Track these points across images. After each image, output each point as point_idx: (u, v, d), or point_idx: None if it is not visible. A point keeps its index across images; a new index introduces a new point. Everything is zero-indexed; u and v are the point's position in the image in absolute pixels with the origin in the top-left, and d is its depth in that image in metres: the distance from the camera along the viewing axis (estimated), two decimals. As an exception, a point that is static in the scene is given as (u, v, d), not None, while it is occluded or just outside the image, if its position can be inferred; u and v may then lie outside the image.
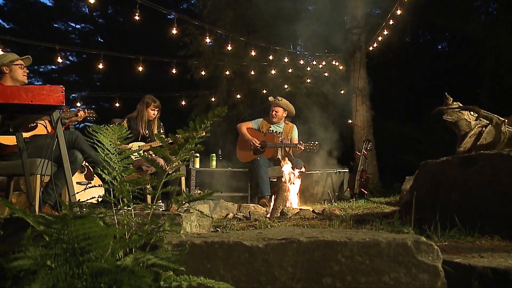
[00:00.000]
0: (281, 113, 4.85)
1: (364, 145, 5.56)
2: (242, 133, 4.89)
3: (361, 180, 5.26)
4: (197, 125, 1.23)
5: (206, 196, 1.29)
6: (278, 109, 4.84)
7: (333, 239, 1.11)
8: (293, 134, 4.86)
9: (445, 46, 12.18)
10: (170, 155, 1.32)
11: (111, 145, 1.45)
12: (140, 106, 3.98)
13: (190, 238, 1.17)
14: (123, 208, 1.36)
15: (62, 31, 15.81)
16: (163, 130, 4.20)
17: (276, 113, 4.84)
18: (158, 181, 1.31)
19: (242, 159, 4.93)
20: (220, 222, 2.63)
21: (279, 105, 4.84)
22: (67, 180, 2.09)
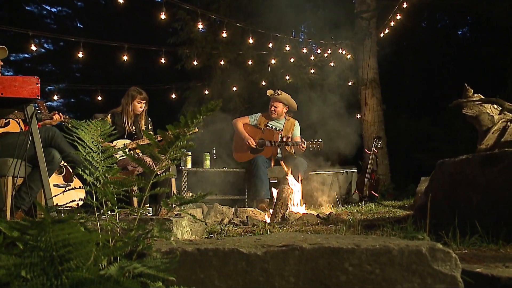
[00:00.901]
0: (281, 109, 4.85)
1: (375, 142, 5.57)
2: (238, 130, 4.89)
3: (371, 181, 5.27)
4: (188, 120, 1.23)
5: (199, 198, 1.30)
6: (277, 104, 4.84)
7: (340, 246, 1.12)
8: (294, 131, 4.87)
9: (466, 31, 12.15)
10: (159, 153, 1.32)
11: (93, 143, 1.45)
12: (125, 100, 3.98)
13: (182, 245, 1.17)
14: (107, 213, 1.36)
15: (35, 15, 15.73)
16: (151, 126, 4.20)
17: (276, 108, 4.83)
18: (146, 182, 1.31)
19: (238, 158, 4.93)
20: (214, 228, 2.64)
21: (278, 100, 4.84)
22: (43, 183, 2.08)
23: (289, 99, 4.88)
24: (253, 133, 4.84)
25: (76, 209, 1.26)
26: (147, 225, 1.48)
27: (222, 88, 8.03)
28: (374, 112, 7.62)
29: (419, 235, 1.67)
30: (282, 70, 7.59)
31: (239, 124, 4.92)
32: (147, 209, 3.46)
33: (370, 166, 5.36)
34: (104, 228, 1.34)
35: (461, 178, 1.99)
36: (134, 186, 1.46)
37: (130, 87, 4.05)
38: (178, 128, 1.24)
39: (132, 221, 1.47)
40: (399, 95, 10.16)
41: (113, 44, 6.45)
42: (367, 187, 5.23)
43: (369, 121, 7.59)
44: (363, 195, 5.22)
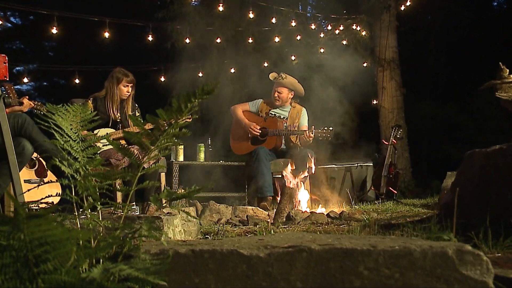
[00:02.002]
0: (286, 95, 4.84)
1: (393, 132, 5.56)
2: (237, 117, 4.89)
3: (389, 176, 5.28)
4: (182, 105, 1.23)
5: (192, 193, 1.30)
6: (282, 89, 4.82)
7: (353, 247, 1.12)
8: (301, 120, 4.86)
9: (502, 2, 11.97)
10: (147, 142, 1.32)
11: (73, 130, 1.45)
12: (109, 83, 3.97)
13: (174, 246, 1.18)
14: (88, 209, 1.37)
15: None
16: (139, 112, 4.20)
17: (280, 94, 4.82)
18: (133, 175, 1.32)
19: (237, 150, 4.93)
20: (210, 228, 2.65)
21: (283, 85, 4.82)
22: (12, 177, 2.08)
23: (295, 84, 4.87)
24: (254, 121, 4.83)
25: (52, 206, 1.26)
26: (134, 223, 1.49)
27: (218, 70, 8.00)
28: (393, 98, 7.60)
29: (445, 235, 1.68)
30: (287, 50, 7.56)
31: (238, 111, 4.92)
32: (132, 207, 3.48)
33: (388, 159, 5.36)
34: (85, 227, 1.34)
35: (493, 172, 1.98)
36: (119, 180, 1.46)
37: (115, 69, 4.04)
38: (170, 113, 1.24)
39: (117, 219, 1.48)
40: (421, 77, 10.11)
41: (93, 18, 6.42)
42: (384, 183, 5.24)
43: (387, 108, 7.58)
44: (380, 192, 5.23)
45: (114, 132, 3.92)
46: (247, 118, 4.86)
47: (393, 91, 7.63)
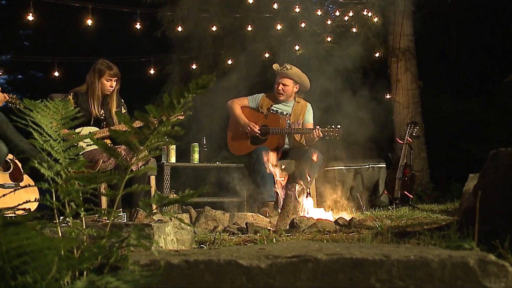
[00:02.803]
0: (291, 87, 4.84)
1: (409, 129, 5.57)
2: (235, 114, 4.89)
3: (404, 179, 5.29)
4: (174, 100, 1.24)
5: (186, 198, 1.31)
6: (286, 81, 4.83)
7: (364, 257, 1.13)
8: (306, 117, 4.87)
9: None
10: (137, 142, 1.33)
11: (53, 128, 1.46)
12: (90, 76, 3.98)
13: (166, 256, 1.18)
14: (70, 216, 1.37)
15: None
16: (125, 109, 4.21)
17: (284, 86, 4.82)
18: (120, 178, 1.33)
19: (235, 150, 4.94)
20: (206, 237, 2.66)
21: (288, 76, 4.83)
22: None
23: (301, 75, 4.87)
24: (254, 119, 4.84)
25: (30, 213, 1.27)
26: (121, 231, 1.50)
27: (214, 62, 8.01)
28: (408, 91, 7.60)
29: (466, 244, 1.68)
30: (291, 38, 7.56)
31: (235, 106, 4.92)
32: (119, 214, 3.48)
33: (403, 160, 5.37)
34: (67, 235, 1.35)
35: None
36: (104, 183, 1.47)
37: (97, 60, 4.05)
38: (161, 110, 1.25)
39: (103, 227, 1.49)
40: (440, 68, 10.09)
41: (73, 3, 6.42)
42: (399, 187, 5.24)
43: (402, 103, 7.58)
44: (394, 197, 5.24)
45: (98, 131, 3.93)
46: (246, 115, 4.86)
47: (409, 84, 7.63)
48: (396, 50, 7.64)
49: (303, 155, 4.58)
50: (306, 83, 4.91)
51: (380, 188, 5.57)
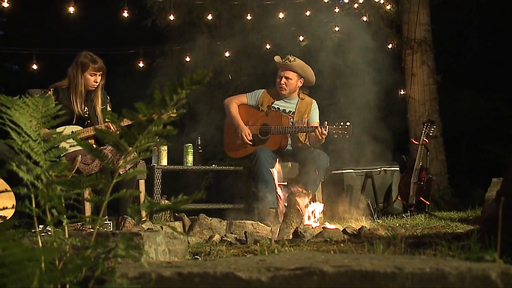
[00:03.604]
0: (295, 81, 4.83)
1: (425, 129, 5.57)
2: (231, 114, 4.88)
3: (420, 183, 5.29)
4: (166, 97, 1.25)
5: (179, 204, 1.31)
6: (289, 74, 4.82)
7: (375, 269, 1.14)
8: (311, 115, 4.87)
9: None
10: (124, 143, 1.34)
11: (32, 128, 1.47)
12: (73, 70, 3.99)
13: (156, 269, 1.19)
14: (51, 224, 1.38)
15: None
16: (111, 107, 4.22)
17: (287, 80, 4.81)
18: (106, 182, 1.34)
19: (233, 152, 4.94)
20: (200, 248, 2.66)
21: (291, 68, 4.82)
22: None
23: (305, 68, 4.86)
24: (254, 118, 4.84)
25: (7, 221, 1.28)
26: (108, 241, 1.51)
27: (209, 54, 7.99)
28: (425, 86, 7.59)
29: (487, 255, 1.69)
30: (294, 28, 7.56)
31: (232, 105, 4.91)
32: (105, 223, 3.49)
33: (418, 163, 5.37)
34: (48, 245, 1.36)
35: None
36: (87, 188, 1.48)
37: (80, 52, 4.05)
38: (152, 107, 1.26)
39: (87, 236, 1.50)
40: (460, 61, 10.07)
41: (55, -10, 6.42)
42: (414, 192, 5.25)
43: (417, 99, 7.57)
44: (409, 204, 5.24)
45: (82, 130, 3.94)
46: (245, 114, 4.84)
47: (425, 78, 7.62)
48: (411, 41, 7.63)
49: (308, 157, 4.58)
50: (311, 77, 4.90)
51: (393, 194, 5.57)
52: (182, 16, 7.65)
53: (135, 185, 4.06)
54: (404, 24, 7.79)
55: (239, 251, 2.48)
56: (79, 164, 3.67)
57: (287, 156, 4.77)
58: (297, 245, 2.66)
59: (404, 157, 5.76)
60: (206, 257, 2.27)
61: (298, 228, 3.05)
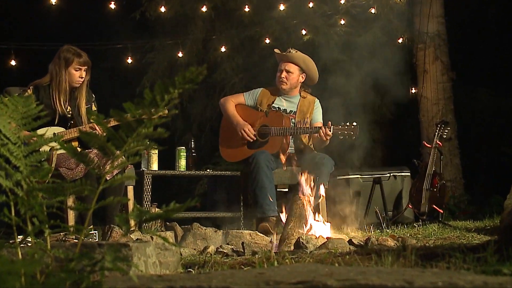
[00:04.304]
0: (296, 75, 4.82)
1: (438, 130, 5.57)
2: (228, 113, 4.88)
3: (433, 190, 5.30)
4: (157, 96, 1.26)
5: (170, 213, 1.32)
6: (290, 67, 4.81)
7: (383, 283, 1.14)
8: (314, 114, 4.87)
9: None
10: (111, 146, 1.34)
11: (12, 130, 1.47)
12: (54, 66, 3.99)
13: (147, 282, 1.20)
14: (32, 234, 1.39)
15: None
16: (96, 106, 4.22)
17: (288, 74, 4.80)
18: (92, 189, 1.34)
19: (229, 156, 4.95)
20: (194, 259, 2.67)
21: (292, 60, 4.81)
22: None
23: (307, 61, 4.84)
24: (252, 118, 4.83)
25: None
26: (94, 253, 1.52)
27: (204, 49, 8.01)
28: (438, 84, 7.59)
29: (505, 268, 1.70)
30: (296, 21, 7.57)
31: (229, 104, 4.91)
32: (90, 233, 3.50)
33: (431, 167, 5.37)
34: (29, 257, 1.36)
35: None
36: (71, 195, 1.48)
37: (62, 47, 4.06)
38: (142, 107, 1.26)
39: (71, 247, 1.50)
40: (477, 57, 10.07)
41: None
42: (426, 200, 5.25)
43: (430, 98, 7.57)
44: (421, 212, 5.24)
45: (64, 131, 3.94)
46: (242, 115, 4.84)
47: (439, 75, 7.62)
48: (423, 35, 7.62)
49: (311, 161, 4.59)
50: (314, 72, 4.89)
51: (404, 201, 5.57)
52: (174, 8, 7.65)
53: (122, 192, 4.06)
54: (416, 17, 7.79)
55: (236, 264, 2.48)
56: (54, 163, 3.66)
57: (288, 160, 4.76)
58: (299, 257, 2.66)
59: (415, 162, 5.75)
60: (200, 270, 2.28)
61: (300, 239, 3.06)
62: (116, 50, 8.03)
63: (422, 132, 7.55)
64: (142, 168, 4.89)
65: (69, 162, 3.77)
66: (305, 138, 4.78)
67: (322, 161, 4.55)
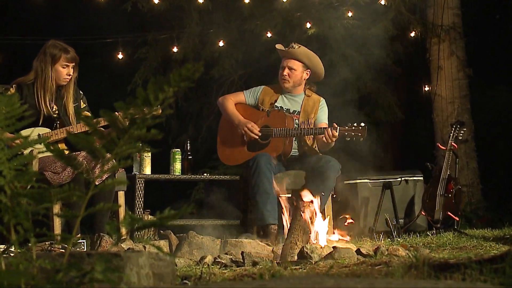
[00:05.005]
0: (300, 72, 4.82)
1: (454, 131, 5.57)
2: (228, 112, 4.88)
3: (448, 196, 5.30)
4: (151, 95, 1.27)
5: (164, 220, 1.33)
6: (294, 63, 4.80)
7: (393, 295, 1.15)
8: (319, 114, 4.86)
9: None
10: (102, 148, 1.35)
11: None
12: (40, 63, 3.99)
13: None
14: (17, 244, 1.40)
15: None
16: (86, 104, 4.23)
17: (291, 71, 4.80)
18: (81, 195, 1.35)
19: (227, 159, 4.95)
20: (190, 270, 2.67)
21: (295, 56, 4.81)
22: None
23: (312, 57, 4.84)
24: (253, 119, 4.82)
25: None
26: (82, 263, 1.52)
27: (200, 44, 8.02)
28: (453, 82, 7.59)
29: (524, 281, 1.71)
30: (300, 13, 7.58)
31: (228, 103, 4.91)
32: (78, 242, 3.51)
33: (446, 172, 5.38)
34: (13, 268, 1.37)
35: None
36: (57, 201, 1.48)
37: (47, 42, 4.06)
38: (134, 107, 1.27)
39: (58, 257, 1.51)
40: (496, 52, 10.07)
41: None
42: (440, 206, 5.25)
43: (445, 97, 7.57)
44: (434, 219, 5.24)
45: (50, 132, 3.94)
46: (242, 114, 4.85)
47: (454, 72, 7.61)
48: (437, 28, 7.62)
49: (315, 165, 4.59)
50: (319, 68, 4.89)
51: (416, 208, 5.57)
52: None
53: (113, 197, 4.06)
54: (429, 8, 7.79)
55: (235, 275, 2.49)
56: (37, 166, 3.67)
57: (291, 163, 4.77)
58: (302, 267, 2.67)
59: (429, 165, 5.75)
60: (196, 282, 2.28)
61: (304, 248, 3.06)
62: (105, 45, 8.04)
63: (436, 133, 7.55)
64: (134, 172, 4.90)
65: (55, 166, 3.77)
66: (309, 139, 4.78)
67: (327, 164, 4.56)
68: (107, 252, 1.72)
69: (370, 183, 5.58)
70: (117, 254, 1.71)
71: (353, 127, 4.55)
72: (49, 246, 3.14)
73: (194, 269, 2.79)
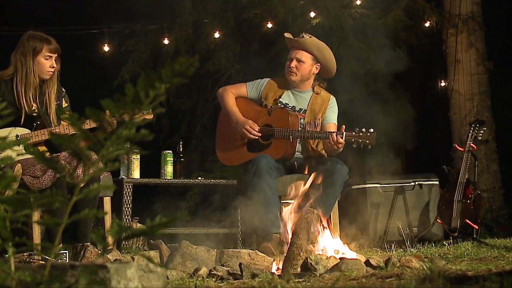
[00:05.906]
0: (309, 65, 4.76)
1: (472, 131, 5.59)
2: (227, 107, 4.87)
3: (466, 202, 5.31)
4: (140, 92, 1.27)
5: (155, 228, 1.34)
6: (302, 55, 4.73)
7: (405, 310, 1.17)
8: (327, 115, 4.84)
9: None
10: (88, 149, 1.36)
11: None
12: (19, 56, 3.99)
13: (128, 310, 1.22)
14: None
15: None
16: (68, 102, 4.23)
17: (299, 63, 4.74)
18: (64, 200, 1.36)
19: (226, 159, 4.94)
20: (183, 283, 2.68)
21: (304, 47, 4.74)
22: None
23: (323, 49, 4.76)
24: (254, 116, 4.81)
25: None
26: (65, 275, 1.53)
27: (194, 34, 8.03)
28: (472, 76, 7.59)
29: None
30: (303, 1, 7.59)
31: (228, 96, 4.87)
32: (60, 252, 3.52)
33: (464, 175, 5.39)
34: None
35: None
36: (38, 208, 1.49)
37: (26, 33, 4.06)
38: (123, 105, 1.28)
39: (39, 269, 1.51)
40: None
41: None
42: (458, 213, 5.26)
43: (463, 93, 7.58)
44: (451, 227, 5.25)
45: (30, 133, 3.95)
46: (243, 109, 4.81)
47: (473, 66, 7.61)
48: (454, 17, 7.63)
49: (321, 168, 4.59)
50: (331, 63, 4.83)
51: (431, 215, 5.58)
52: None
53: (97, 203, 4.07)
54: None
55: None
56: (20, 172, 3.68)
57: (294, 166, 4.77)
58: (306, 280, 2.68)
59: (445, 168, 5.76)
60: (190, 296, 2.30)
61: (308, 259, 3.07)
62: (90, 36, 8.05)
63: (453, 133, 7.55)
64: (121, 176, 4.91)
65: (34, 169, 3.76)
66: (315, 141, 4.77)
67: (334, 168, 4.54)
68: (92, 264, 1.73)
69: (381, 188, 5.59)
70: (103, 265, 1.71)
71: (360, 133, 4.48)
72: (28, 257, 3.15)
73: (187, 282, 2.79)
